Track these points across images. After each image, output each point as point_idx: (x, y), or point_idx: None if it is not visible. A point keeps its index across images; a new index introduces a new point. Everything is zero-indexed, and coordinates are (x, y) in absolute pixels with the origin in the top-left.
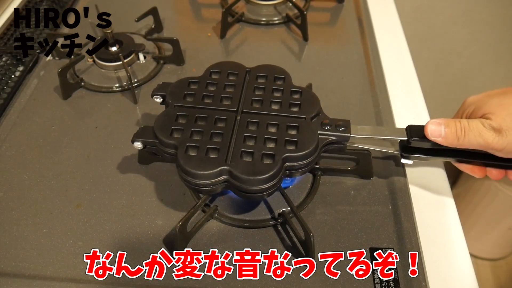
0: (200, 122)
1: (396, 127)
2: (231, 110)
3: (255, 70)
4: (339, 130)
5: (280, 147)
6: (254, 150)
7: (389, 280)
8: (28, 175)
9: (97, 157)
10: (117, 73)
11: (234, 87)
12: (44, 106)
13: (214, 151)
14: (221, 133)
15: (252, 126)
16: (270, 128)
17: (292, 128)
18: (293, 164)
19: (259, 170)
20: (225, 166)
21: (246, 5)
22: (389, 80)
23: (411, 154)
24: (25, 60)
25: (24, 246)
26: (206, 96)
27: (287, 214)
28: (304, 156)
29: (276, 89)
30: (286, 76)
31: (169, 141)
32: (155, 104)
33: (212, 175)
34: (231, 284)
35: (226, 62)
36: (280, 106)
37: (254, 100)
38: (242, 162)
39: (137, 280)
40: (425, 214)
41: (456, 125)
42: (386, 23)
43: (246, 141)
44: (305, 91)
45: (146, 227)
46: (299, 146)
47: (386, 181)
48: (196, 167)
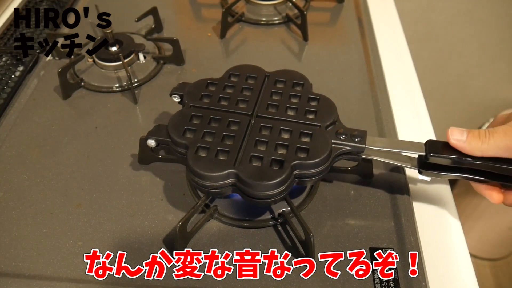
0: (214, 123)
1: (414, 141)
2: (246, 113)
3: (274, 74)
4: (354, 140)
5: (291, 154)
6: (263, 155)
7: (389, 280)
8: (28, 175)
9: (97, 157)
10: (117, 73)
11: (252, 91)
12: (44, 106)
13: (224, 153)
14: (233, 136)
15: (265, 131)
16: (283, 134)
17: (305, 135)
18: (303, 172)
19: (267, 176)
20: (232, 169)
21: (246, 5)
22: (389, 80)
23: (429, 170)
24: (25, 60)
25: (24, 246)
26: (222, 98)
27: (287, 214)
28: (314, 164)
29: (294, 95)
30: (305, 82)
31: (181, 140)
32: (155, 104)
33: (219, 177)
34: (231, 284)
35: (246, 65)
36: (295, 112)
37: (270, 105)
38: (250, 166)
39: (137, 280)
40: (425, 214)
41: (479, 130)
42: (386, 23)
43: (257, 145)
44: (323, 98)
45: (146, 227)
46: (310, 154)
47: (386, 181)
48: (204, 169)
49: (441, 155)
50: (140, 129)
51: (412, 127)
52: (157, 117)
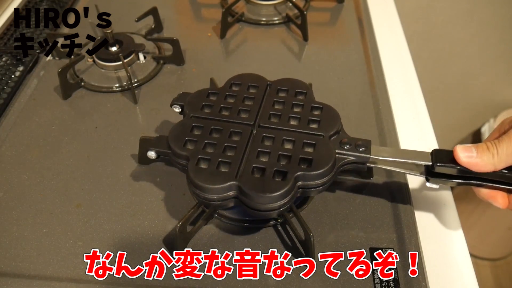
0: (215, 134)
1: (420, 150)
2: (248, 123)
3: (276, 83)
4: (359, 150)
5: (294, 165)
6: (266, 166)
7: (389, 280)
8: (28, 175)
9: (97, 157)
10: (117, 73)
11: (253, 100)
12: (44, 106)
13: (226, 165)
14: (235, 147)
15: (267, 141)
16: (286, 145)
17: (308, 145)
18: (307, 183)
19: (269, 188)
20: (234, 181)
21: (246, 5)
22: (389, 80)
23: (437, 178)
24: (25, 60)
25: (24, 246)
26: (223, 108)
27: (287, 214)
28: (318, 175)
29: (296, 104)
30: (308, 91)
31: (181, 152)
32: (155, 104)
33: (221, 189)
34: (231, 284)
35: (248, 74)
36: (298, 122)
37: (272, 115)
38: (252, 178)
39: (137, 280)
40: (425, 214)
41: (486, 143)
42: (386, 23)
43: (259, 156)
44: (326, 108)
45: (146, 227)
46: (313, 164)
47: (386, 181)
48: (205, 181)
49: (448, 165)
50: (140, 129)
51: (412, 127)
52: (157, 117)
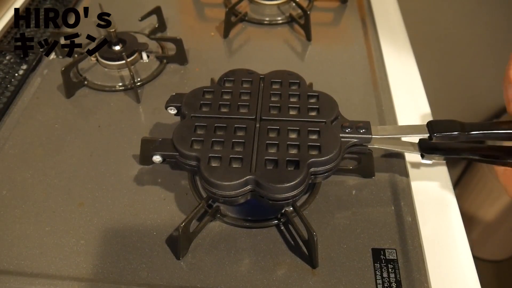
0: (220, 132)
1: (416, 124)
2: (250, 118)
3: (269, 76)
4: (360, 132)
5: (304, 153)
6: (278, 158)
7: (391, 281)
8: (31, 173)
9: (100, 156)
10: (120, 72)
11: (250, 95)
12: (47, 105)
13: (238, 160)
14: (243, 142)
15: (273, 133)
16: (291, 134)
17: (313, 133)
18: (318, 169)
19: (286, 178)
20: (250, 176)
21: (249, 5)
22: (392, 81)
23: (432, 154)
24: (28, 59)
25: (26, 244)
26: (222, 105)
27: (290, 214)
28: (328, 160)
29: (292, 95)
30: (301, 81)
31: (190, 153)
32: (157, 103)
33: (238, 185)
34: (232, 284)
35: (238, 70)
36: (298, 112)
37: (272, 107)
38: (267, 170)
39: (139, 279)
40: (428, 215)
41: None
42: (390, 24)
43: (268, 148)
44: (322, 95)
45: (149, 226)
46: (322, 150)
47: (388, 181)
48: (222, 178)
49: (445, 133)
50: (143, 128)
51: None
52: (159, 116)
